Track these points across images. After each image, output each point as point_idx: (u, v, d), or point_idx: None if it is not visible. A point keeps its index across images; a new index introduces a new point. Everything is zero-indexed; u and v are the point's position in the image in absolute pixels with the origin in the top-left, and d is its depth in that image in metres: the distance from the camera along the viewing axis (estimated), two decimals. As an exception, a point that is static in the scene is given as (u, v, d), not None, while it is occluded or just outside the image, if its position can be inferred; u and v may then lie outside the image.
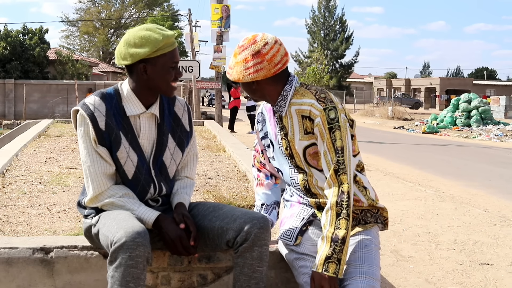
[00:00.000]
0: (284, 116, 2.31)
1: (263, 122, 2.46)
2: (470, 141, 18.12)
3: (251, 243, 2.13)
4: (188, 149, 2.45)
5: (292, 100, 2.28)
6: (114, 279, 1.98)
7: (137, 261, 1.98)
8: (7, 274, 2.37)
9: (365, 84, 68.20)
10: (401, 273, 4.06)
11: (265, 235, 2.16)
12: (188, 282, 2.50)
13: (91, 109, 2.21)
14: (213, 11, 17.00)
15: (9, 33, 31.11)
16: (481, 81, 63.20)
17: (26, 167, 5.44)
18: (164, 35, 2.19)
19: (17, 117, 26.09)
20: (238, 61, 2.25)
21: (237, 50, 2.28)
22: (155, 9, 56.27)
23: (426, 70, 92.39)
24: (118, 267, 1.97)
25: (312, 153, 2.27)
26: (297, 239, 2.28)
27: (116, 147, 2.23)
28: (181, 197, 2.36)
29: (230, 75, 2.30)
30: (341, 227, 2.11)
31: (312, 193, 2.34)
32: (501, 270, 4.16)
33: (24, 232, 3.22)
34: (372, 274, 2.15)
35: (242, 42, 2.27)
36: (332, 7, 53.40)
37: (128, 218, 2.10)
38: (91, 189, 2.23)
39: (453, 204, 6.66)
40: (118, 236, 1.98)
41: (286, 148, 2.34)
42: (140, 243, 1.98)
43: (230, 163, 6.09)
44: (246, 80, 2.24)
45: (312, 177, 2.31)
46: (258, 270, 2.16)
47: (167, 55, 2.20)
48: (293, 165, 2.35)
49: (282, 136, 2.34)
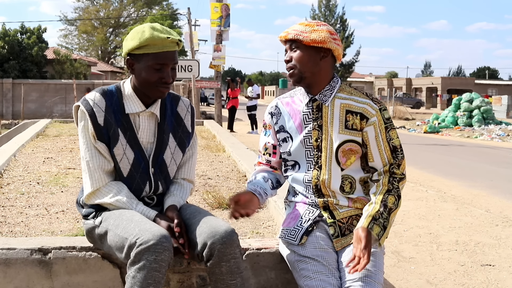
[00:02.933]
0: (325, 107, 2.31)
1: (278, 115, 2.42)
2: (471, 141, 18.09)
3: (217, 259, 2.07)
4: (187, 149, 2.43)
5: (338, 94, 2.32)
6: (135, 280, 1.98)
7: (161, 265, 1.98)
8: (5, 275, 2.35)
9: (366, 84, 68.15)
10: (402, 274, 4.03)
11: (230, 250, 2.08)
12: (187, 283, 2.48)
13: (90, 104, 2.23)
14: (212, 10, 16.98)
15: (7, 32, 31.04)
16: (483, 80, 63.15)
17: (24, 167, 5.42)
18: (154, 34, 2.15)
19: (15, 117, 26.03)
20: (321, 29, 2.27)
21: (312, 23, 2.30)
22: (154, 8, 56.22)
23: (427, 70, 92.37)
24: (141, 269, 1.97)
25: (347, 149, 2.29)
26: (302, 239, 2.26)
27: (113, 143, 2.23)
28: (174, 200, 2.32)
29: (306, 37, 2.24)
30: (388, 202, 2.23)
31: (321, 192, 2.32)
32: (503, 271, 4.14)
33: (22, 233, 3.19)
34: (375, 278, 2.14)
35: (314, 21, 2.32)
36: (333, 6, 53.32)
37: (148, 221, 2.11)
38: (89, 184, 2.24)
39: (454, 205, 6.64)
40: (144, 238, 1.98)
41: (316, 139, 2.32)
42: (167, 248, 1.99)
43: (229, 163, 6.07)
44: (330, 45, 2.25)
45: (330, 176, 2.30)
46: (231, 284, 2.10)
47: (150, 55, 2.16)
48: (313, 160, 2.33)
49: (314, 126, 2.32)
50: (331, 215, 2.30)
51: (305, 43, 2.25)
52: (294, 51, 2.29)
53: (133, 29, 2.24)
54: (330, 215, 2.30)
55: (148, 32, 2.15)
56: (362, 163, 2.35)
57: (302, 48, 2.27)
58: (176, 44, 2.20)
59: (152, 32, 2.15)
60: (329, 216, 2.30)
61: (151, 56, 2.16)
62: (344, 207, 2.31)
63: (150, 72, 2.18)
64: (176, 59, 2.23)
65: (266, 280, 2.50)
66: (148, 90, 2.24)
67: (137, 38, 2.16)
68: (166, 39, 2.15)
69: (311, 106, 2.34)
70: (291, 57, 2.31)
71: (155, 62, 2.17)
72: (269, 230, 3.35)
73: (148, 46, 2.15)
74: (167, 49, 2.17)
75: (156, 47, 2.15)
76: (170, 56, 2.19)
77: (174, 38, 2.17)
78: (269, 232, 3.31)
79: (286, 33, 2.30)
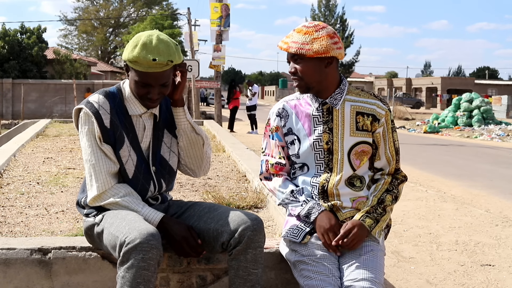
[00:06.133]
0: (336, 110, 2.31)
1: (286, 118, 2.40)
2: (471, 141, 18.08)
3: (244, 246, 2.12)
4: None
5: (347, 96, 2.33)
6: (125, 280, 1.98)
7: (150, 264, 1.98)
8: (5, 275, 2.35)
9: (366, 84, 68.09)
10: (402, 274, 4.03)
11: (259, 237, 2.15)
12: (187, 283, 2.48)
13: (95, 107, 2.22)
14: (212, 10, 16.98)
15: (7, 32, 31.02)
16: (483, 80, 63.07)
17: (24, 167, 5.42)
18: (140, 54, 2.10)
19: (15, 117, 26.02)
20: (322, 36, 2.22)
21: (310, 29, 2.24)
22: (154, 8, 56.20)
23: (427, 70, 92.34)
24: (130, 268, 1.97)
25: (359, 151, 2.31)
26: (305, 237, 2.26)
27: (119, 145, 2.24)
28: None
29: (308, 50, 2.20)
30: (386, 200, 2.30)
31: (327, 195, 2.32)
32: (503, 271, 4.13)
33: (22, 233, 3.19)
34: (375, 278, 2.14)
35: (311, 24, 2.26)
36: (333, 6, 53.31)
37: (139, 219, 2.10)
38: (95, 187, 2.22)
39: (454, 205, 6.63)
40: (131, 237, 1.97)
41: (327, 142, 2.32)
42: (154, 246, 1.98)
43: (229, 163, 6.07)
44: (333, 53, 2.23)
45: (341, 178, 2.30)
46: (253, 273, 2.15)
47: (137, 71, 2.15)
48: (324, 162, 2.33)
49: (325, 129, 2.32)
50: (334, 217, 2.30)
51: (308, 56, 2.23)
52: (297, 63, 2.27)
53: (137, 34, 2.20)
54: (334, 216, 2.30)
55: (137, 50, 2.10)
56: (369, 164, 2.38)
57: (305, 60, 2.24)
58: (165, 65, 2.13)
59: (140, 52, 2.09)
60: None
61: (138, 73, 2.15)
62: (347, 208, 2.32)
63: (137, 86, 2.19)
64: (164, 79, 2.17)
65: (266, 280, 2.50)
66: (138, 99, 2.26)
67: (128, 51, 2.14)
68: (151, 61, 2.09)
69: (321, 109, 2.33)
70: (296, 68, 2.28)
71: (140, 80, 2.16)
72: (269, 230, 3.35)
73: (135, 63, 2.13)
74: (152, 70, 2.12)
75: (142, 66, 2.12)
76: (155, 77, 2.14)
77: (162, 61, 2.10)
78: (269, 232, 3.31)
79: (287, 46, 2.26)
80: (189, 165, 2.43)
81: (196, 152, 2.39)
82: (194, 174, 2.47)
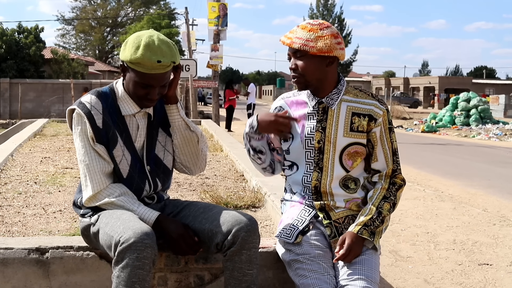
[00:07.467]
0: (331, 110, 2.31)
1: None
2: (469, 140, 18.11)
3: (239, 247, 2.12)
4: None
5: (344, 97, 2.32)
6: (120, 279, 1.98)
7: (144, 263, 1.97)
8: (2, 275, 2.35)
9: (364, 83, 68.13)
10: (400, 273, 4.04)
11: (253, 238, 2.14)
12: (185, 283, 2.48)
13: (88, 107, 2.21)
14: (210, 9, 16.98)
15: (4, 32, 30.96)
16: (480, 80, 63.15)
17: (21, 167, 5.41)
18: (145, 55, 2.08)
19: (12, 116, 25.96)
20: (326, 35, 2.21)
21: (315, 27, 2.23)
22: (151, 8, 56.17)
23: (425, 69, 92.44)
24: (124, 268, 1.96)
25: (352, 152, 2.30)
26: (297, 237, 2.26)
27: (112, 145, 2.23)
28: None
29: (312, 47, 2.19)
30: (384, 209, 2.26)
31: (320, 194, 2.32)
32: (501, 270, 4.15)
33: (20, 232, 3.18)
34: (371, 277, 2.14)
35: (316, 22, 2.25)
36: (331, 5, 53.38)
37: (134, 219, 2.10)
38: (90, 187, 2.22)
39: (452, 204, 6.65)
40: (126, 236, 1.97)
41: (319, 141, 2.31)
42: (148, 245, 1.98)
43: (227, 163, 6.06)
44: (336, 53, 2.23)
45: (332, 178, 2.30)
46: (248, 274, 2.15)
47: (139, 72, 2.13)
48: (314, 161, 2.32)
49: (318, 128, 2.32)
50: (327, 216, 2.31)
51: (311, 53, 2.22)
52: (299, 59, 2.26)
53: (134, 34, 2.18)
54: (326, 216, 2.30)
55: (140, 52, 2.09)
56: (365, 165, 2.37)
57: (308, 57, 2.24)
58: (168, 66, 2.14)
59: (144, 54, 2.08)
60: (324, 216, 2.31)
61: (139, 74, 2.14)
62: (340, 207, 2.32)
63: (136, 87, 2.18)
64: (165, 80, 2.18)
65: (264, 279, 2.50)
66: (134, 99, 2.25)
67: (130, 52, 2.11)
68: (156, 62, 2.09)
69: (317, 108, 2.34)
70: (296, 65, 2.27)
71: (141, 81, 2.15)
72: (266, 230, 3.35)
73: (138, 64, 2.11)
74: (155, 71, 2.12)
75: (145, 68, 2.11)
76: (157, 78, 2.14)
77: (166, 62, 2.11)
78: (267, 231, 3.31)
79: (291, 41, 2.25)
80: (185, 162, 2.42)
81: (191, 149, 2.39)
82: (190, 171, 2.46)
